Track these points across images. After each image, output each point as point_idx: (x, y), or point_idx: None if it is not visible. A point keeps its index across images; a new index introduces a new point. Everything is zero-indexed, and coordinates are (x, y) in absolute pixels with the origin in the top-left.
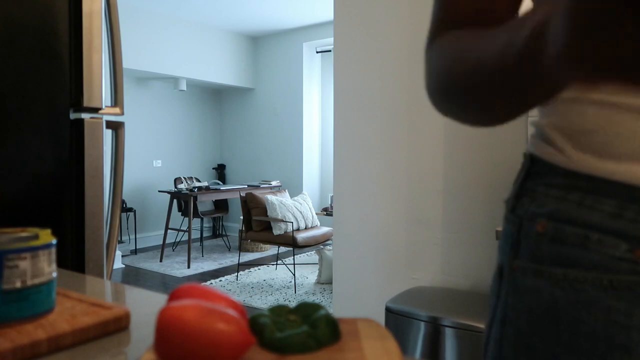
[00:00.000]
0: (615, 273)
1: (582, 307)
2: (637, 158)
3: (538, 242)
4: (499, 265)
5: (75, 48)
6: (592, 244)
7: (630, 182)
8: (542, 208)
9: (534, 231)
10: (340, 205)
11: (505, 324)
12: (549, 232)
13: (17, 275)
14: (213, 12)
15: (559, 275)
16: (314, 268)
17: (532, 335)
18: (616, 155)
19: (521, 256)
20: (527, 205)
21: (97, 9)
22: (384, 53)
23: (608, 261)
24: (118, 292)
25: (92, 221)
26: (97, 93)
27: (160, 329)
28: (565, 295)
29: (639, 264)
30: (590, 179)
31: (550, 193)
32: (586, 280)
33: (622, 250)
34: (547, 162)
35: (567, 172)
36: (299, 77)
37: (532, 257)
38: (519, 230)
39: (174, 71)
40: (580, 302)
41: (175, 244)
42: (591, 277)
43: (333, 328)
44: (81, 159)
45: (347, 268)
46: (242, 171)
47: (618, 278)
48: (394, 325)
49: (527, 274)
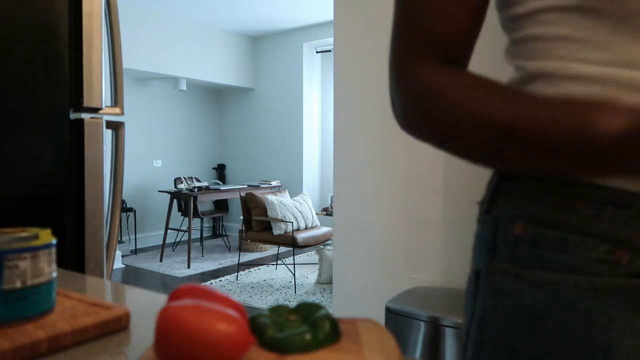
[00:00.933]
0: (595, 275)
1: (563, 310)
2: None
3: (516, 245)
4: (475, 268)
5: (75, 48)
6: (572, 246)
7: (607, 184)
8: (520, 210)
9: (511, 234)
10: (340, 205)
11: (484, 326)
12: (528, 235)
13: (17, 275)
14: (213, 12)
15: (539, 278)
16: (314, 268)
17: (513, 338)
18: None
19: (499, 259)
20: (504, 208)
21: (97, 9)
22: (384, 53)
23: (588, 263)
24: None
25: (92, 221)
26: (97, 93)
27: (160, 329)
28: (546, 298)
29: (618, 265)
30: (566, 182)
31: (527, 195)
32: (567, 283)
33: (602, 252)
34: None
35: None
36: (299, 77)
37: (511, 260)
38: (495, 232)
39: (174, 71)
40: (561, 304)
41: (175, 244)
42: (572, 280)
43: (333, 328)
44: (81, 159)
45: (347, 268)
46: (242, 171)
47: (598, 280)
48: (394, 325)
49: (506, 276)
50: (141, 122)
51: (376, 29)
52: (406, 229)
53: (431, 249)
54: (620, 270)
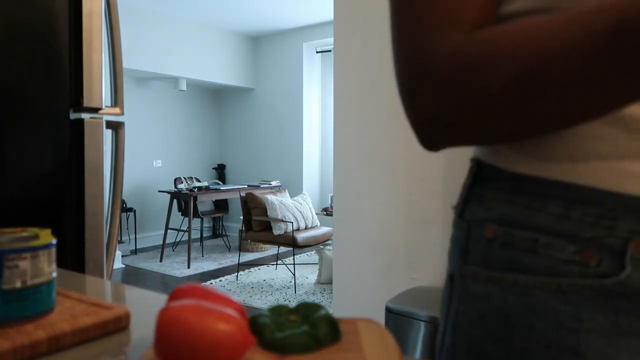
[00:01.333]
0: (563, 276)
1: (532, 313)
2: (580, 158)
3: (488, 248)
4: (450, 272)
5: (75, 48)
6: (541, 247)
7: (574, 182)
8: (491, 213)
9: (483, 236)
10: (340, 205)
11: (458, 330)
12: (499, 237)
13: (17, 275)
14: (213, 12)
15: (510, 280)
16: (314, 268)
17: (485, 342)
18: (559, 156)
19: (471, 262)
20: (476, 211)
21: (97, 9)
22: (384, 53)
23: (556, 264)
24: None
25: (92, 221)
26: (97, 93)
27: (160, 329)
28: (516, 300)
29: (586, 265)
30: (536, 181)
31: (498, 197)
32: (536, 285)
33: (570, 252)
34: (493, 166)
35: (512, 175)
36: (299, 77)
37: (482, 263)
38: (468, 235)
39: (174, 71)
40: (531, 307)
41: (175, 244)
42: (540, 282)
43: (333, 328)
44: (81, 159)
45: (347, 268)
46: (242, 171)
47: (566, 281)
48: (394, 325)
49: (478, 280)
50: (141, 122)
51: (376, 29)
52: (406, 229)
53: (431, 249)
54: (589, 271)
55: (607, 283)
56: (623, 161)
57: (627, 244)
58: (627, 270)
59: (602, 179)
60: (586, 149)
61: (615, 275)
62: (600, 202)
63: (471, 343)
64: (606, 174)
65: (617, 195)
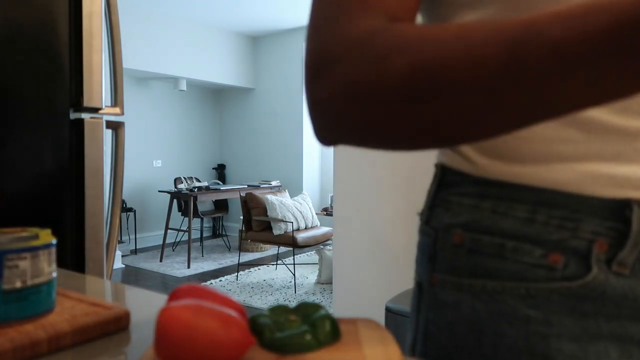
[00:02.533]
0: (531, 281)
1: (502, 319)
2: (542, 160)
3: (455, 254)
4: (418, 280)
5: (75, 48)
6: (508, 252)
7: (538, 185)
8: (457, 218)
9: (450, 243)
10: (340, 205)
11: (428, 340)
12: (465, 243)
13: (17, 275)
14: (213, 12)
15: (478, 287)
16: (314, 268)
17: (455, 351)
18: (521, 158)
19: (439, 269)
20: (442, 217)
21: (97, 9)
22: None
23: (524, 269)
24: (118, 292)
25: (92, 221)
26: (97, 93)
27: (160, 329)
28: (485, 307)
29: (553, 269)
30: (501, 185)
31: (464, 202)
32: (504, 291)
33: (537, 256)
34: (458, 170)
35: (477, 179)
36: (299, 77)
37: (450, 270)
38: (435, 242)
39: (174, 71)
40: (501, 313)
41: (175, 244)
42: (509, 287)
43: (333, 328)
44: (81, 159)
45: (347, 268)
46: (242, 171)
47: (535, 286)
48: (394, 325)
49: (446, 287)
50: (141, 122)
51: None
52: (406, 229)
53: None
54: (556, 275)
55: (574, 285)
56: (583, 163)
57: (591, 246)
58: (594, 271)
59: (565, 181)
60: (547, 151)
61: (581, 278)
62: (564, 205)
63: (442, 353)
64: (568, 176)
65: (579, 197)
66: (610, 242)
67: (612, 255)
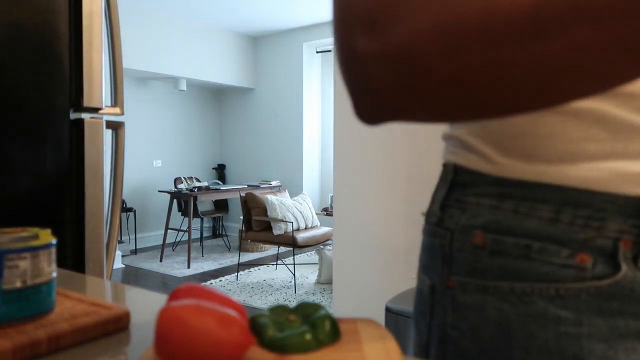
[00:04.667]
0: (560, 281)
1: (532, 321)
2: (568, 159)
3: (476, 256)
4: (430, 283)
5: (75, 48)
6: (535, 253)
7: (563, 184)
8: (476, 219)
9: (469, 244)
10: (340, 205)
11: (447, 345)
12: (488, 245)
13: (17, 275)
14: (213, 12)
15: (505, 289)
16: (314, 268)
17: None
18: (545, 157)
19: (457, 272)
20: (458, 217)
21: (97, 9)
22: None
23: (552, 270)
24: (118, 292)
25: (92, 221)
26: (97, 93)
27: (160, 329)
28: (514, 309)
29: (581, 269)
30: (522, 185)
31: (482, 203)
32: (533, 292)
33: (564, 256)
34: (474, 171)
35: (496, 179)
36: (299, 77)
37: (471, 272)
38: (451, 244)
39: (174, 71)
40: (531, 315)
41: (175, 244)
42: (538, 288)
43: (333, 328)
44: (81, 159)
45: (347, 268)
46: (242, 171)
47: (564, 286)
48: (394, 325)
49: (467, 290)
50: (141, 122)
51: None
52: (406, 229)
53: None
54: (586, 274)
55: (604, 284)
56: (608, 161)
57: (617, 244)
58: (624, 269)
59: (592, 179)
60: (574, 150)
61: (611, 276)
62: (588, 204)
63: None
64: (596, 174)
65: (604, 195)
66: (635, 239)
67: (636, 252)
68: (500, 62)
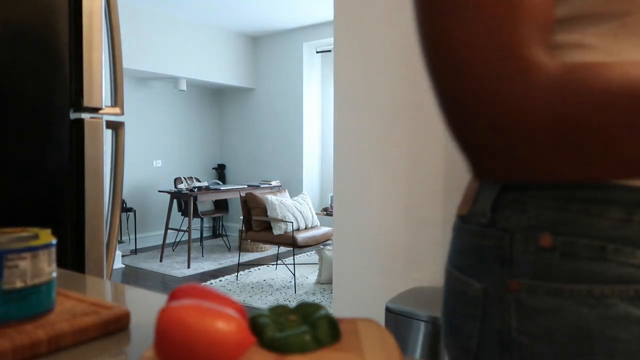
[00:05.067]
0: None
1: (615, 324)
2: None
3: (544, 258)
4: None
5: (75, 47)
6: (610, 254)
7: (632, 185)
8: (540, 220)
9: (534, 246)
10: (340, 205)
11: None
12: (558, 247)
13: (17, 275)
14: (213, 12)
15: (583, 291)
16: (314, 268)
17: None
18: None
19: (520, 275)
20: (516, 219)
21: (97, 9)
22: (384, 53)
23: (630, 271)
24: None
25: (92, 221)
26: (97, 93)
27: (160, 329)
28: (594, 312)
29: None
30: (590, 186)
31: (545, 204)
32: (613, 294)
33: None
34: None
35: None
36: (299, 77)
37: (541, 275)
38: (511, 246)
39: (174, 71)
40: (612, 317)
41: (175, 244)
42: (618, 290)
43: (333, 328)
44: (81, 159)
45: (347, 268)
46: (242, 171)
47: None
48: (394, 325)
49: (537, 293)
50: (141, 122)
51: (376, 29)
52: (406, 229)
53: (431, 249)
54: None
55: None
56: None
57: None
58: None
59: None
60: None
61: None
62: None
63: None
64: None
65: None
66: None
67: None
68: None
